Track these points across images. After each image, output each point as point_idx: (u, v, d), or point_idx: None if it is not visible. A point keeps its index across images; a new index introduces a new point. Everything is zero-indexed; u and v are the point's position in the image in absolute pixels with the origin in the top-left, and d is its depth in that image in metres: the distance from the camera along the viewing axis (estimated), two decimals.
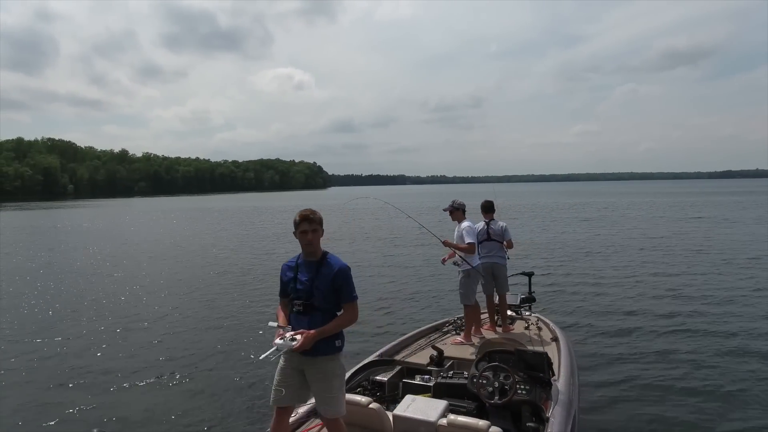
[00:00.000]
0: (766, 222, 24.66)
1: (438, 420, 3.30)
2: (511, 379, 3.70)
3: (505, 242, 6.41)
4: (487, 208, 6.52)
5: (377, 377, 4.54)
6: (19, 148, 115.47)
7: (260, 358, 2.92)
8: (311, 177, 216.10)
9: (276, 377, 3.11)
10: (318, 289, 3.00)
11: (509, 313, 6.58)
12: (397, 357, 5.03)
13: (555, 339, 5.50)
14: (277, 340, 2.93)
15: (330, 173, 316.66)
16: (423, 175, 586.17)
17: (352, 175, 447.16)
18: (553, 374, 4.11)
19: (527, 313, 6.67)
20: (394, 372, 4.67)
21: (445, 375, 4.33)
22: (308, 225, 3.06)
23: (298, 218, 3.06)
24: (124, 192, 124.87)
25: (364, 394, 4.13)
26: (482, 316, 6.34)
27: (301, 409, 3.73)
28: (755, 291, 9.90)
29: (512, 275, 7.93)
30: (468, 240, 5.72)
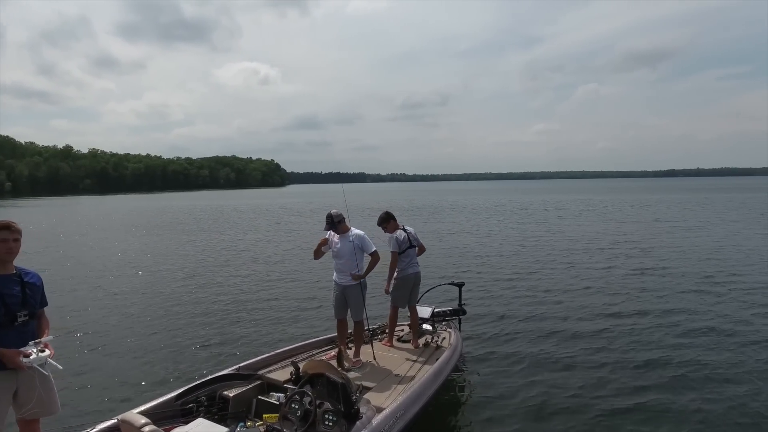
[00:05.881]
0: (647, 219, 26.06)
1: None
2: (314, 407, 3.44)
3: (417, 247, 6.09)
4: (388, 218, 6.00)
5: (225, 392, 4.28)
6: None
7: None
8: (268, 174, 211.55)
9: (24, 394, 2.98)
10: (34, 299, 3.06)
11: (424, 326, 6.18)
12: (259, 372, 4.74)
13: (430, 363, 5.02)
14: (31, 357, 2.85)
15: (290, 171, 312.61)
16: (384, 173, 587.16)
17: (312, 172, 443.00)
18: (355, 404, 3.52)
19: (443, 327, 6.31)
20: (249, 387, 4.43)
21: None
22: (10, 233, 2.97)
23: None
24: (67, 190, 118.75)
25: (196, 411, 3.96)
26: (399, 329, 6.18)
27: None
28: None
29: (441, 285, 7.34)
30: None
